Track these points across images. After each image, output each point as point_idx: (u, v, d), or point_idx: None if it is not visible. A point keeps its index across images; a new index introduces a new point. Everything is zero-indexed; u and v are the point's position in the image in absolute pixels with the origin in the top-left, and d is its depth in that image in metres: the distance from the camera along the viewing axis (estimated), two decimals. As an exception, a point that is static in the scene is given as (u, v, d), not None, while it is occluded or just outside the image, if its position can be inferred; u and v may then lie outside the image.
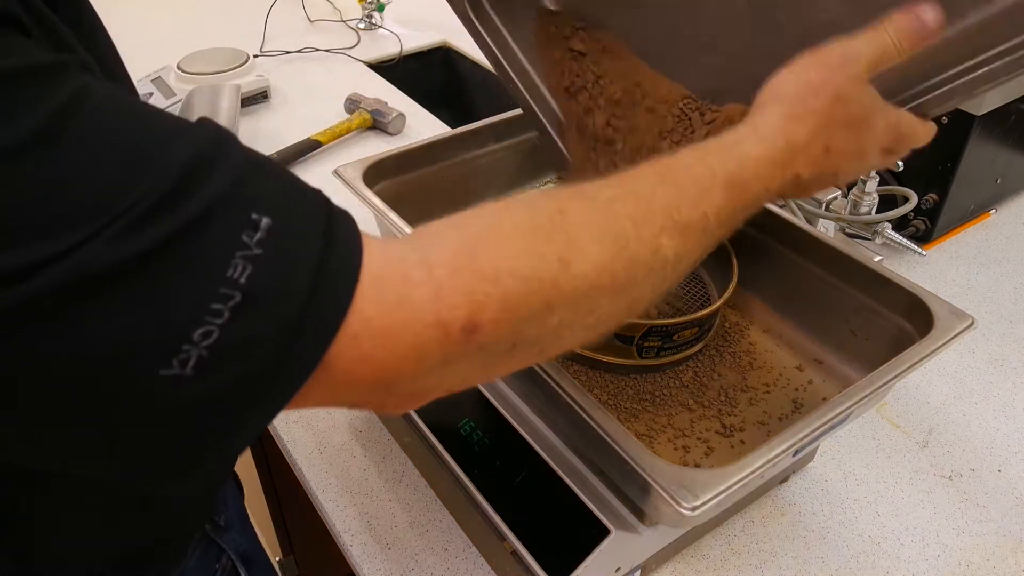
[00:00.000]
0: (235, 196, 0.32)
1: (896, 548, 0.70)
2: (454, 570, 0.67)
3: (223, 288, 0.31)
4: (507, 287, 0.37)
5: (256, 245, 0.32)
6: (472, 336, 0.36)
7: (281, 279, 0.32)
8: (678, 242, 0.43)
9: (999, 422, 0.81)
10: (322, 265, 0.33)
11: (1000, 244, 1.05)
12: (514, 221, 0.39)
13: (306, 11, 1.63)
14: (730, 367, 0.71)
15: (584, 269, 0.39)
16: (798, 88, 0.49)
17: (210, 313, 0.31)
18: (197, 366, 0.31)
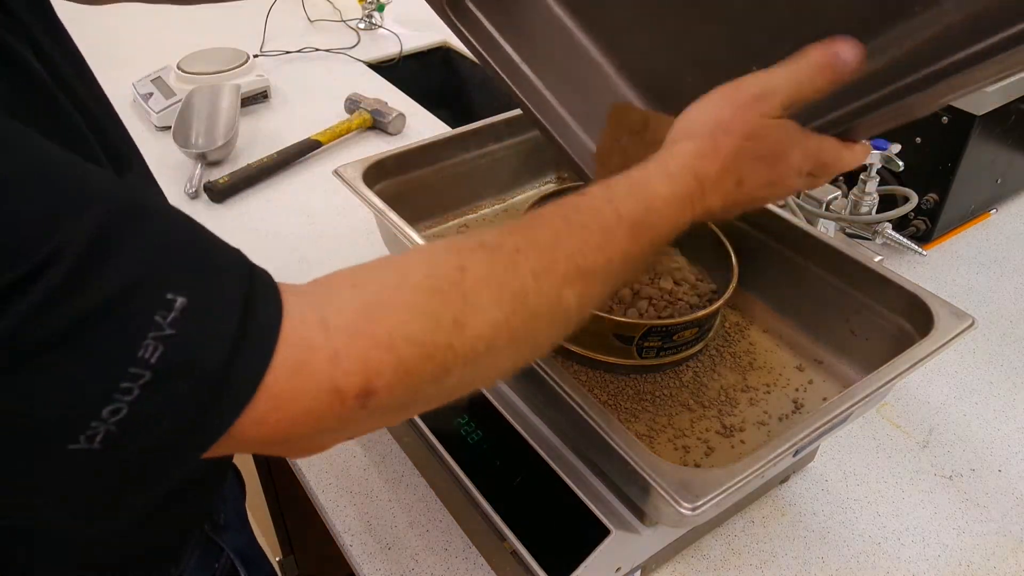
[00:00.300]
0: (149, 276, 0.32)
1: (896, 548, 0.70)
2: (454, 570, 0.67)
3: (133, 368, 0.31)
4: (402, 353, 0.37)
5: (169, 325, 0.32)
6: (367, 401, 0.36)
7: (193, 359, 0.33)
8: (580, 289, 0.44)
9: (999, 422, 0.81)
10: (237, 344, 0.34)
11: (1000, 244, 1.05)
12: (412, 282, 0.39)
13: (306, 11, 1.63)
14: (730, 367, 0.71)
15: (480, 331, 0.39)
16: (708, 125, 0.49)
17: (120, 391, 0.31)
18: (104, 440, 0.32)
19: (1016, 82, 0.93)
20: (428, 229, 0.89)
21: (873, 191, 0.93)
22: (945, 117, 0.94)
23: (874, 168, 0.92)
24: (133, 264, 0.32)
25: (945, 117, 0.94)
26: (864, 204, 0.94)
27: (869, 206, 0.94)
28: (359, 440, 0.78)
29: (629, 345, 0.65)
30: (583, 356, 0.68)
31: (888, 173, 0.99)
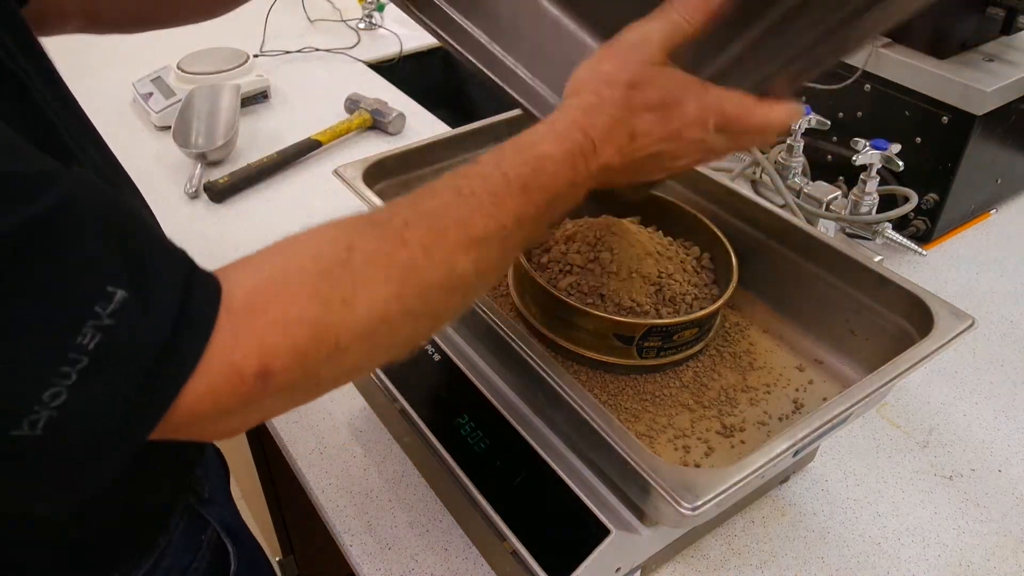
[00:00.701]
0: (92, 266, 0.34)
1: (896, 548, 0.70)
2: (454, 570, 0.67)
3: (72, 353, 0.33)
4: (296, 334, 0.38)
5: (108, 316, 0.33)
6: (266, 382, 0.37)
7: (129, 345, 0.34)
8: (475, 256, 0.44)
9: (999, 422, 0.81)
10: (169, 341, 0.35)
11: (1000, 244, 1.05)
12: (301, 264, 0.40)
13: (306, 11, 1.63)
14: (730, 367, 0.71)
15: (371, 307, 0.40)
16: (593, 79, 0.49)
17: (59, 375, 0.32)
18: (47, 426, 0.33)
19: (1016, 82, 0.93)
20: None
21: (873, 191, 0.93)
22: (945, 117, 0.95)
23: (874, 168, 0.92)
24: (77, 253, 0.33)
25: (945, 117, 0.95)
26: (864, 204, 0.94)
27: (869, 206, 0.94)
28: (359, 440, 0.78)
29: (629, 345, 0.65)
30: (583, 356, 0.68)
31: (888, 173, 0.99)
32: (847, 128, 1.04)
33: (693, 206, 0.79)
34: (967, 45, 0.97)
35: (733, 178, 1.07)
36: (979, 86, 0.91)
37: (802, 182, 0.99)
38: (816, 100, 1.06)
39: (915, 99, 0.97)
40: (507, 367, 0.68)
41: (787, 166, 1.00)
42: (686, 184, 0.80)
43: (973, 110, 0.92)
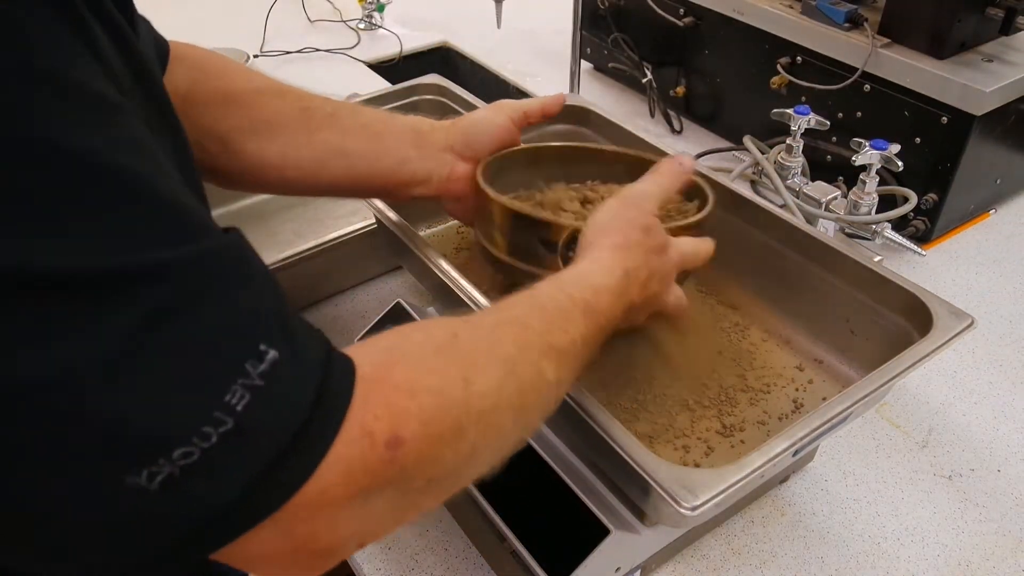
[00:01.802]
0: (247, 321, 0.32)
1: (896, 548, 0.70)
2: (454, 570, 0.67)
3: (218, 412, 0.30)
4: (423, 402, 0.37)
5: (259, 376, 0.32)
6: (396, 452, 0.36)
7: (275, 415, 0.32)
8: (556, 365, 0.46)
9: (999, 422, 0.81)
10: (314, 408, 0.33)
11: (1000, 244, 1.05)
12: (415, 340, 0.41)
13: (306, 11, 1.63)
14: (730, 367, 0.71)
15: (486, 387, 0.41)
16: (618, 223, 0.55)
17: (199, 435, 0.30)
18: (164, 483, 0.30)
19: (1016, 82, 0.94)
20: (428, 229, 0.89)
21: (873, 191, 0.93)
22: (945, 117, 0.95)
23: (873, 168, 0.92)
24: (234, 305, 0.32)
25: (945, 117, 0.95)
26: (864, 204, 0.94)
27: (869, 206, 0.94)
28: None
29: (554, 253, 0.62)
30: (510, 265, 0.65)
31: (888, 173, 0.99)
32: (847, 128, 1.04)
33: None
34: (967, 45, 0.98)
35: (733, 178, 1.07)
36: (978, 86, 0.91)
37: (801, 182, 0.99)
38: (816, 100, 1.06)
39: (915, 99, 0.97)
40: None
41: (787, 166, 1.00)
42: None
43: (972, 110, 0.92)
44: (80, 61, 0.31)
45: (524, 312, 0.47)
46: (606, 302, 0.51)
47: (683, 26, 1.20)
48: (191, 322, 0.30)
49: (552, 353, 0.46)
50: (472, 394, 0.40)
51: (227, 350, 0.31)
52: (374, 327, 0.78)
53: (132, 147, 0.31)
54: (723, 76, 1.21)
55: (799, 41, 1.06)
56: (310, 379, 0.34)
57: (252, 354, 0.32)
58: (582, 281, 0.51)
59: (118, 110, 0.32)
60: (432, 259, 0.69)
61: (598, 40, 1.38)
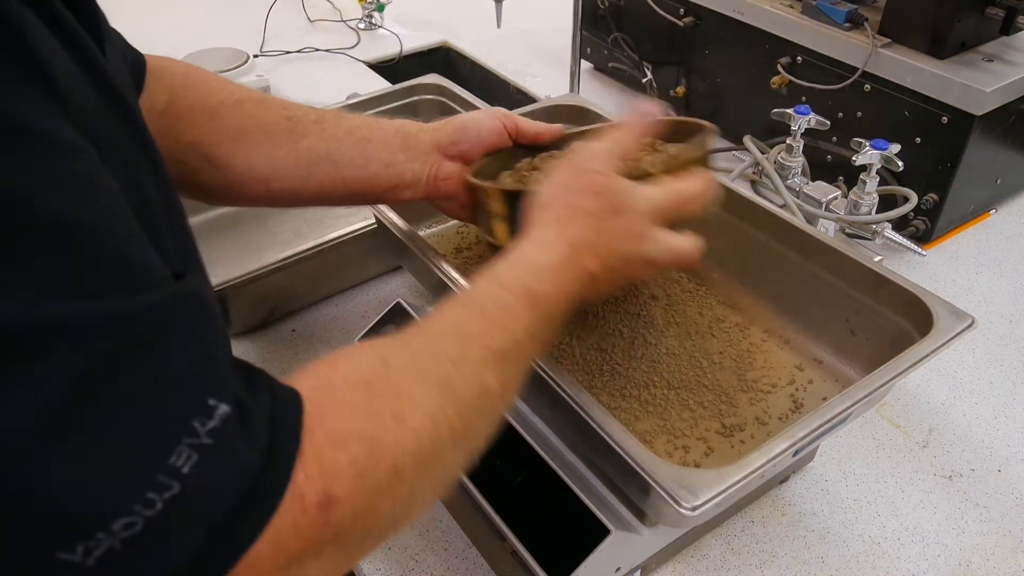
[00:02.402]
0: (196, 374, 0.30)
1: (896, 548, 0.70)
2: (454, 570, 0.67)
3: (162, 475, 0.28)
4: (354, 453, 0.34)
5: (208, 434, 0.29)
6: (329, 514, 0.33)
7: (223, 476, 0.30)
8: (499, 371, 0.44)
9: (999, 422, 0.81)
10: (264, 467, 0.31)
11: (1000, 244, 1.05)
12: (342, 374, 0.38)
13: (306, 11, 1.63)
14: (730, 367, 0.71)
15: (421, 421, 0.38)
16: (559, 192, 0.53)
17: (142, 502, 0.27)
18: (103, 558, 0.27)
19: (1016, 82, 0.93)
20: (428, 229, 0.89)
21: (873, 191, 0.93)
22: (945, 117, 0.95)
23: (874, 168, 0.92)
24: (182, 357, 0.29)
25: (945, 117, 0.95)
26: (864, 204, 0.94)
27: (869, 206, 0.94)
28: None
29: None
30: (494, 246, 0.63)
31: (888, 173, 0.99)
32: (847, 128, 1.04)
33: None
34: (967, 45, 0.97)
35: (733, 178, 1.07)
36: (979, 86, 0.91)
37: (802, 182, 0.99)
38: (816, 100, 1.06)
39: (915, 99, 0.97)
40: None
41: (787, 166, 1.00)
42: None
43: (973, 110, 0.92)
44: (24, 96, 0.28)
45: (459, 318, 0.44)
46: (550, 284, 0.48)
47: (683, 26, 1.20)
48: (133, 379, 0.28)
49: (494, 359, 0.43)
50: (407, 432, 0.37)
51: (173, 407, 0.29)
52: (374, 327, 0.78)
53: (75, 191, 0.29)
54: (723, 76, 1.21)
55: (799, 41, 1.06)
56: (259, 437, 0.31)
57: (201, 410, 0.29)
58: (519, 267, 0.48)
59: (65, 151, 0.29)
60: (432, 259, 0.69)
61: (598, 40, 1.38)
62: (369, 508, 0.35)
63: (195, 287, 0.32)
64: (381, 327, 0.77)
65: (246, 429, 0.31)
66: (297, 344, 0.89)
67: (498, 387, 0.43)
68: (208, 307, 0.33)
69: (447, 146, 0.66)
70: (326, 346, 0.88)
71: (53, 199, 0.27)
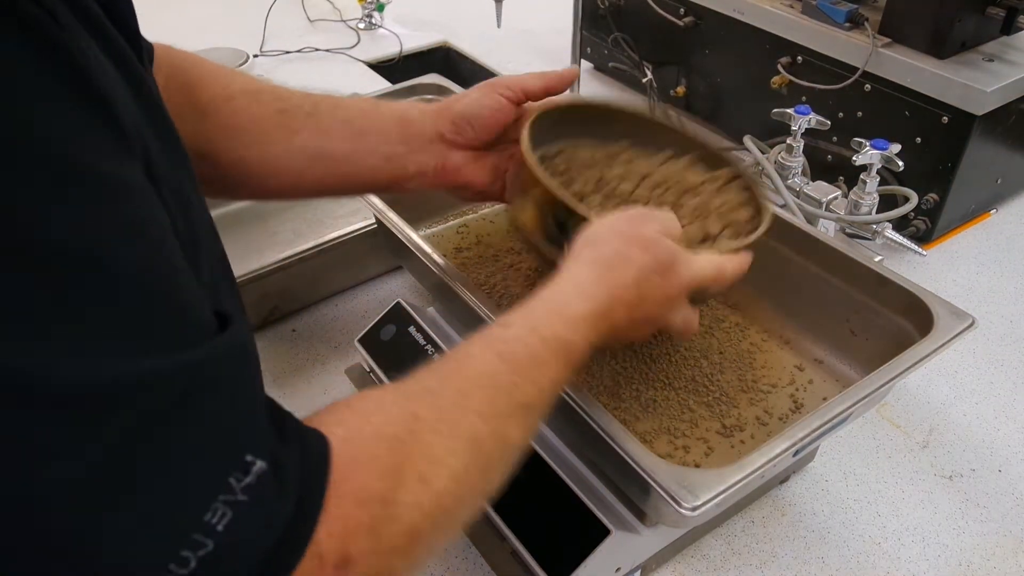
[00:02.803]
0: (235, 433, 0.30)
1: (896, 548, 0.70)
2: (454, 570, 0.67)
3: (197, 534, 0.28)
4: (374, 513, 0.34)
5: (243, 491, 0.29)
6: (344, 573, 0.33)
7: (253, 533, 0.29)
8: (523, 425, 0.43)
9: (999, 422, 0.81)
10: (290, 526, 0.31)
11: (1000, 244, 1.05)
12: (372, 427, 0.37)
13: (306, 11, 1.62)
14: (730, 367, 0.71)
15: (446, 484, 0.38)
16: (610, 236, 0.51)
17: (177, 561, 0.27)
18: None
19: (1016, 82, 0.93)
20: (428, 229, 0.89)
21: (873, 191, 0.93)
22: (945, 117, 0.94)
23: (874, 168, 0.92)
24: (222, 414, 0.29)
25: (945, 117, 0.94)
26: (864, 204, 0.94)
27: (869, 206, 0.94)
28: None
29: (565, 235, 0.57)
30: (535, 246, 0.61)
31: (888, 173, 0.99)
32: (847, 128, 1.04)
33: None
34: (967, 45, 0.97)
35: (733, 178, 1.06)
36: (979, 86, 0.91)
37: (802, 182, 0.99)
38: (816, 100, 1.06)
39: (915, 99, 0.97)
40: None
41: (787, 166, 1.00)
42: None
43: (973, 110, 0.92)
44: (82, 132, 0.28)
45: (492, 368, 0.43)
46: (582, 335, 0.47)
47: (683, 26, 1.20)
48: (173, 437, 0.28)
49: (520, 412, 0.43)
50: (430, 494, 0.37)
51: (212, 464, 0.29)
52: (374, 327, 0.78)
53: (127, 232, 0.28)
54: (723, 76, 1.21)
55: (799, 41, 1.06)
56: (291, 492, 0.31)
57: (238, 466, 0.29)
58: (558, 314, 0.47)
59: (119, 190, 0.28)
60: (432, 259, 0.69)
61: (598, 40, 1.38)
62: (384, 569, 0.35)
63: (240, 336, 0.32)
64: (381, 327, 0.77)
65: (278, 484, 0.31)
66: (297, 344, 0.89)
67: (520, 440, 0.44)
68: (250, 357, 0.33)
69: (450, 135, 0.63)
70: (326, 346, 0.88)
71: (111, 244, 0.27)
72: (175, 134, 0.39)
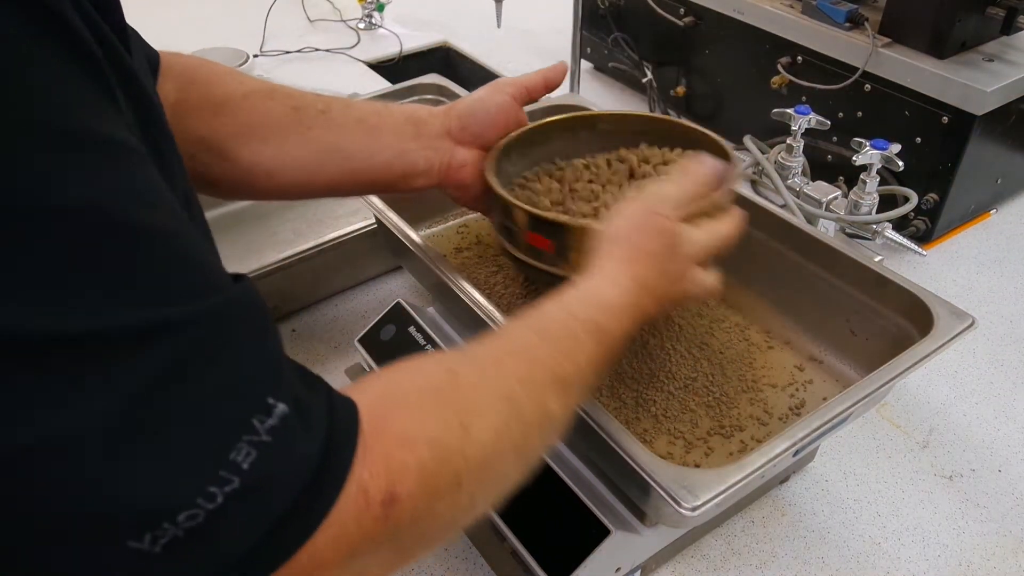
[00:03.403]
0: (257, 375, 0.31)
1: (896, 548, 0.70)
2: (454, 570, 0.67)
3: (223, 471, 0.29)
4: (420, 455, 0.36)
5: (267, 432, 0.30)
6: (391, 511, 0.34)
7: (281, 473, 0.31)
8: (562, 398, 0.44)
9: (999, 422, 0.81)
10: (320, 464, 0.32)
11: (1000, 244, 1.05)
12: (412, 383, 0.39)
13: (306, 11, 1.62)
14: (730, 367, 0.71)
15: (485, 436, 0.39)
16: (627, 231, 0.53)
17: (204, 496, 0.29)
18: (168, 545, 0.29)
19: (1017, 82, 0.93)
20: (428, 229, 0.89)
21: (873, 191, 0.93)
22: (945, 117, 0.94)
23: (874, 168, 0.92)
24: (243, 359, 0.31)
25: (945, 117, 0.94)
26: (864, 204, 0.94)
27: (869, 206, 0.94)
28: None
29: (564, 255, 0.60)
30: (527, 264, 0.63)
31: (888, 173, 0.99)
32: (847, 128, 1.04)
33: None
34: (967, 45, 0.97)
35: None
36: (979, 86, 0.91)
37: (802, 182, 0.99)
38: (816, 100, 1.06)
39: (915, 99, 0.97)
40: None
41: (787, 166, 1.00)
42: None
43: (973, 110, 0.92)
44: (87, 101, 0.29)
45: (528, 341, 0.45)
46: (617, 321, 0.49)
47: (683, 26, 1.20)
48: (197, 380, 0.29)
49: (558, 385, 0.44)
50: (471, 442, 0.38)
51: (234, 406, 0.30)
52: (374, 327, 0.78)
53: (141, 196, 0.30)
54: (723, 76, 1.21)
55: (799, 41, 1.06)
56: (317, 433, 0.33)
57: (260, 408, 0.31)
58: (591, 299, 0.49)
59: (127, 154, 0.30)
60: (432, 259, 0.69)
61: (598, 40, 1.38)
62: (428, 510, 0.36)
63: (253, 289, 0.33)
64: (381, 327, 0.77)
65: (304, 425, 0.32)
66: (297, 344, 0.89)
67: (559, 412, 0.44)
68: (265, 308, 0.34)
69: (457, 132, 0.65)
70: (326, 346, 0.88)
71: (128, 205, 0.29)
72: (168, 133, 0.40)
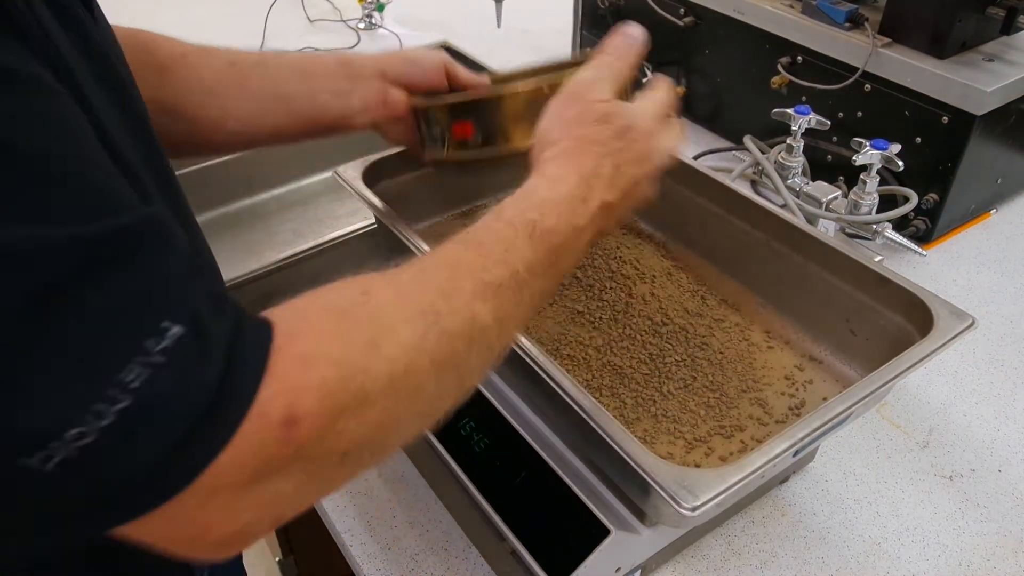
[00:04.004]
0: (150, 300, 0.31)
1: (896, 548, 0.70)
2: (454, 570, 0.67)
3: (111, 389, 0.29)
4: (321, 374, 0.35)
5: (160, 353, 0.30)
6: (291, 432, 0.34)
7: (177, 393, 0.31)
8: (493, 304, 0.43)
9: (999, 422, 0.81)
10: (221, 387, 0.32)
11: (1000, 244, 1.05)
12: (322, 304, 0.39)
13: (306, 11, 1.62)
14: (730, 367, 0.71)
15: (398, 349, 0.38)
16: (562, 126, 0.51)
17: (92, 413, 0.29)
18: (61, 464, 0.29)
19: (1017, 82, 0.93)
20: (428, 229, 0.89)
21: (873, 191, 0.93)
22: (945, 117, 0.94)
23: (874, 168, 0.92)
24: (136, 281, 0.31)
25: (945, 117, 0.94)
26: (864, 204, 0.94)
27: (869, 206, 0.94)
28: (359, 440, 0.78)
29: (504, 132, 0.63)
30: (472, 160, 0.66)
31: (888, 173, 0.99)
32: (847, 128, 1.04)
33: (694, 207, 0.79)
34: (967, 45, 0.97)
35: (733, 178, 1.07)
36: (979, 86, 0.91)
37: (802, 182, 0.99)
38: (816, 100, 1.06)
39: (915, 99, 0.97)
40: (507, 367, 0.68)
41: (787, 166, 1.00)
42: (687, 184, 0.80)
43: (973, 110, 0.92)
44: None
45: (455, 253, 0.44)
46: (557, 217, 0.47)
47: (683, 26, 1.20)
48: (89, 301, 0.30)
49: (488, 292, 0.43)
50: (379, 358, 0.37)
51: (125, 327, 0.30)
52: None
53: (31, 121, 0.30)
54: (723, 76, 1.21)
55: (800, 41, 1.06)
56: (216, 355, 0.32)
57: (153, 331, 0.31)
58: (524, 201, 0.48)
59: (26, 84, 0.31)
60: (432, 259, 0.68)
61: (598, 40, 1.37)
62: (335, 429, 0.36)
63: (160, 214, 0.33)
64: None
65: (201, 348, 0.32)
66: (297, 344, 0.88)
67: (491, 319, 0.43)
68: (170, 233, 0.34)
69: (395, 76, 0.69)
70: (326, 346, 0.88)
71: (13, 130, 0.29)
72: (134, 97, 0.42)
